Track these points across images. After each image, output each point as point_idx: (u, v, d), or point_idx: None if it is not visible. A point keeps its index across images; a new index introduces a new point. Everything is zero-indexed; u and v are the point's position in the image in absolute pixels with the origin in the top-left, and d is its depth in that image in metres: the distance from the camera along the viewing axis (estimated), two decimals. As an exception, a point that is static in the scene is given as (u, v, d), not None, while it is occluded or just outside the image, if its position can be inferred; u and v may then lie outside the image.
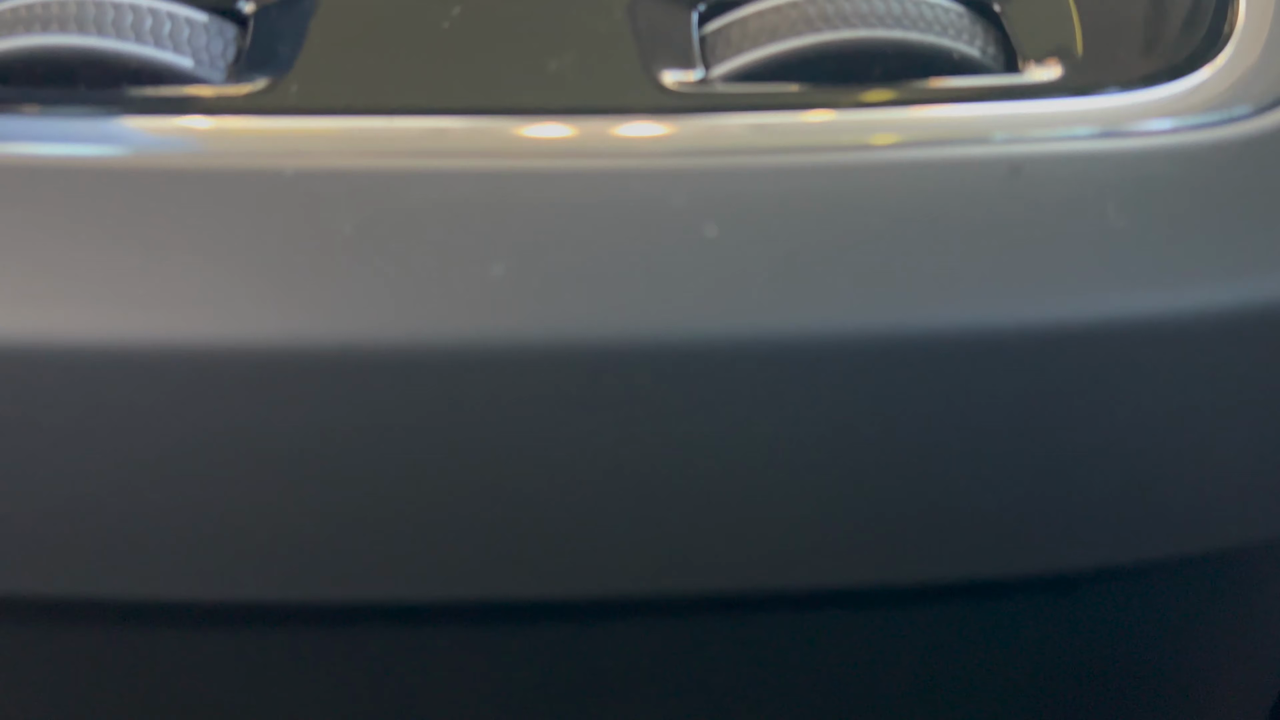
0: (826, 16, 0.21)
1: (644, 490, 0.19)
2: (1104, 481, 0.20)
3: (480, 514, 0.19)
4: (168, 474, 0.19)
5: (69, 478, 0.19)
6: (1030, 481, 0.20)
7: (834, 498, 0.20)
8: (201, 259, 0.18)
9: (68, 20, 0.21)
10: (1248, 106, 0.21)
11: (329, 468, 0.19)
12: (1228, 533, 0.22)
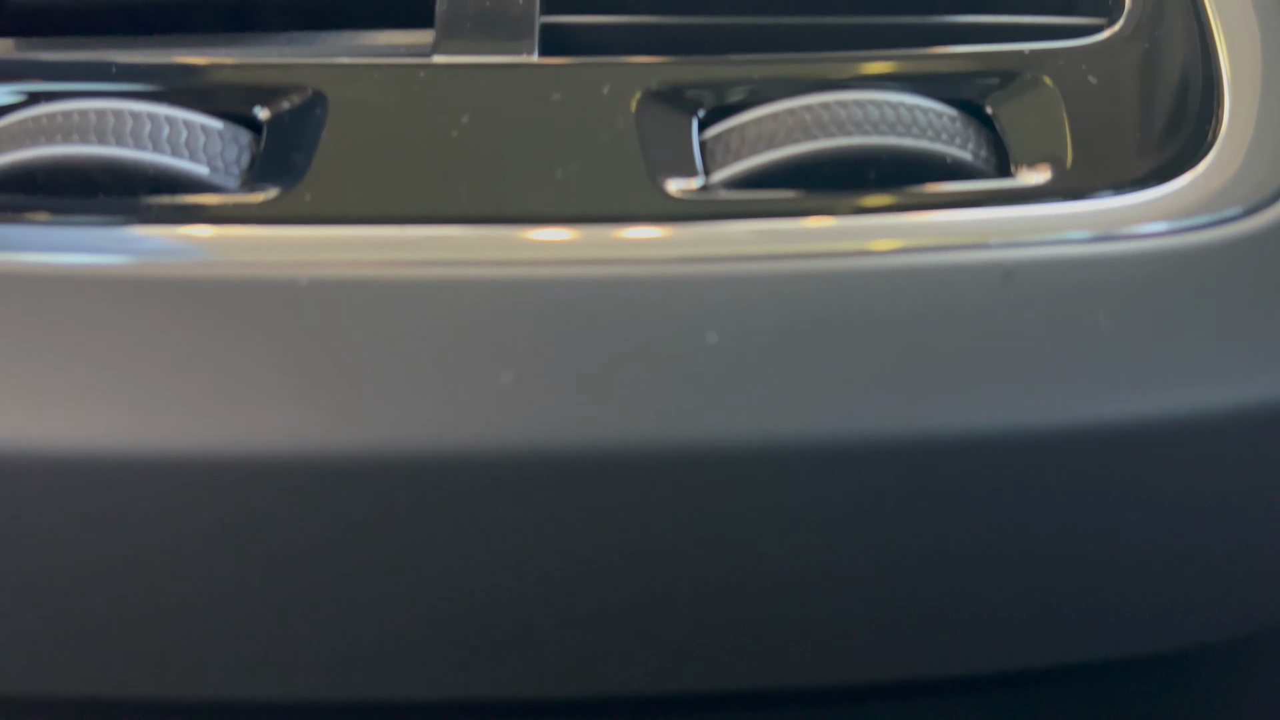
0: (822, 123, 0.22)
1: (652, 592, 0.20)
2: (1103, 576, 0.21)
3: (493, 618, 0.19)
4: (177, 578, 0.19)
5: (77, 581, 0.19)
6: (1028, 578, 0.20)
7: (840, 596, 0.20)
8: (216, 369, 0.19)
9: (88, 130, 0.21)
10: (1237, 207, 0.22)
11: (339, 571, 0.19)
12: (1232, 623, 0.23)
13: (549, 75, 0.23)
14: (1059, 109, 0.23)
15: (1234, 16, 0.25)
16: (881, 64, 0.24)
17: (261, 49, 0.25)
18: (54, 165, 0.21)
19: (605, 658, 0.20)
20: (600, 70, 0.23)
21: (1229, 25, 0.25)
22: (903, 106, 0.22)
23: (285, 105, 0.22)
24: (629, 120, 0.22)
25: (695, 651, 0.20)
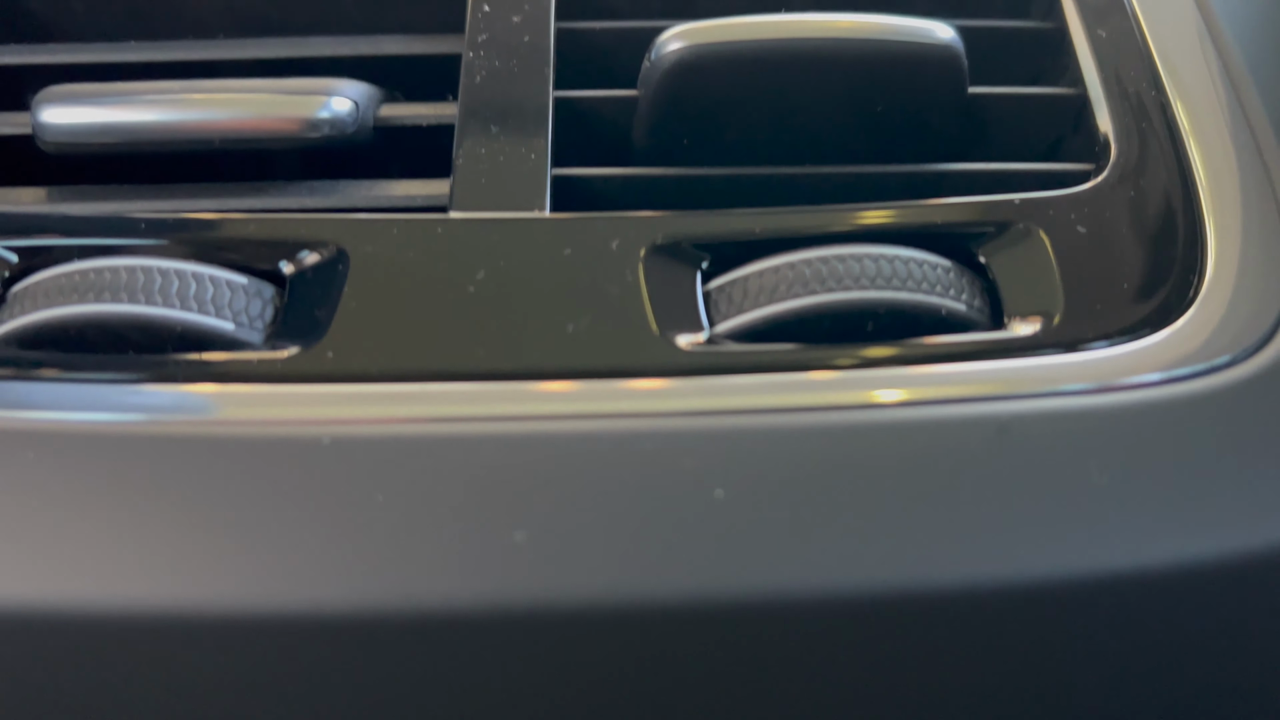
0: (821, 277, 0.23)
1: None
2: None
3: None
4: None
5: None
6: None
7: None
8: (238, 527, 0.19)
9: (119, 288, 0.22)
10: (1227, 355, 0.22)
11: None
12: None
13: (560, 230, 0.24)
14: (1049, 259, 0.24)
15: (1215, 163, 0.26)
16: (877, 215, 0.25)
17: (284, 198, 0.26)
18: (86, 322, 0.22)
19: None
20: (608, 225, 0.24)
21: (1211, 172, 0.26)
22: (898, 260, 0.23)
23: (308, 261, 0.23)
24: (636, 274, 0.23)
25: None
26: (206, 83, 0.26)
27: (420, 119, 0.27)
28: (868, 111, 0.27)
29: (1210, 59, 0.28)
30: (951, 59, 0.26)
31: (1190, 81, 0.27)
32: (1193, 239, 0.25)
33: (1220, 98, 0.27)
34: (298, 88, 0.26)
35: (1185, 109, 0.27)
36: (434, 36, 0.29)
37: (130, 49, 0.29)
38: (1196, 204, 0.25)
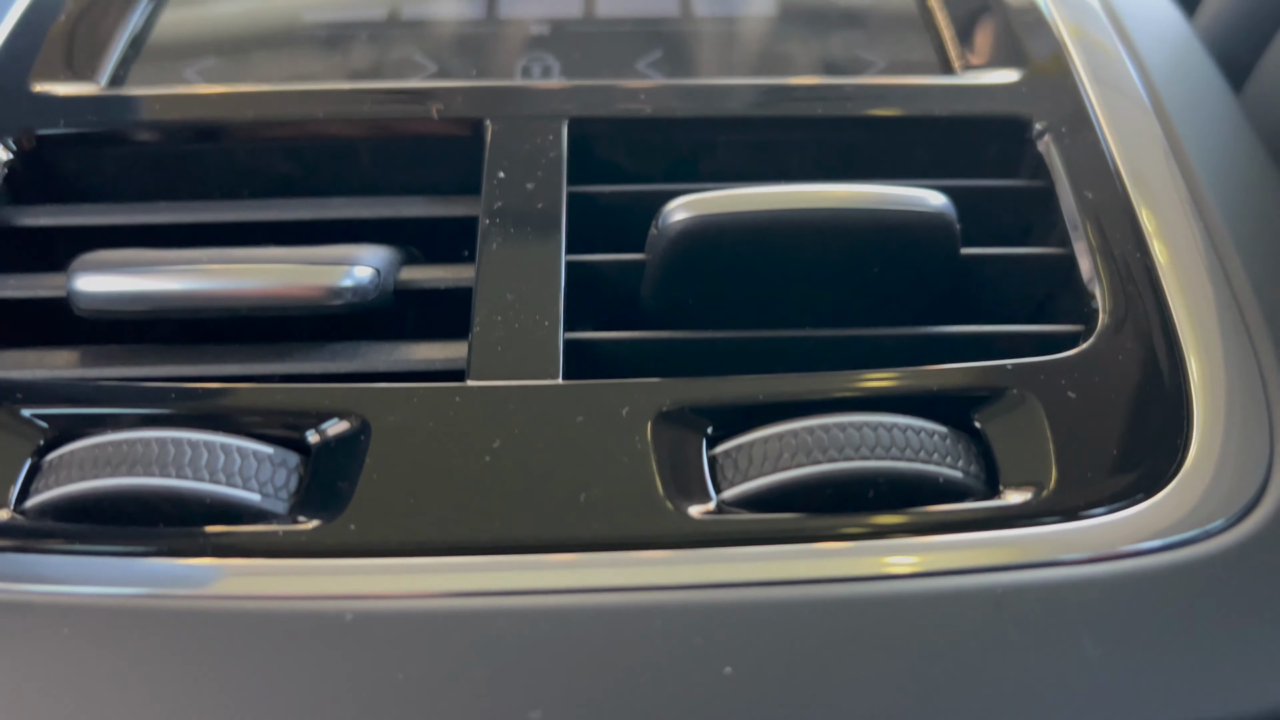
0: (823, 446, 0.24)
1: None
2: None
3: None
4: None
5: None
6: None
7: None
8: (262, 704, 0.20)
9: (150, 461, 0.23)
10: (1220, 519, 0.23)
11: None
12: None
13: (572, 397, 0.25)
14: (1043, 425, 0.25)
15: (1199, 325, 0.27)
16: (876, 380, 0.26)
17: (308, 362, 0.27)
18: (120, 495, 0.23)
19: None
20: (618, 392, 0.25)
21: (1195, 334, 0.27)
22: (896, 428, 0.24)
23: (331, 431, 0.25)
24: (645, 442, 0.24)
25: None
26: (234, 251, 0.28)
27: (439, 283, 0.29)
28: (866, 276, 0.28)
29: (1194, 223, 0.29)
30: (944, 225, 0.27)
31: (1174, 245, 0.29)
32: (1179, 402, 0.25)
33: (1202, 261, 0.28)
34: (322, 257, 0.27)
35: (1170, 272, 0.28)
36: (451, 199, 0.31)
37: (159, 210, 0.31)
38: (1182, 367, 0.26)
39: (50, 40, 0.34)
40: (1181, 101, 0.33)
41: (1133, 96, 0.33)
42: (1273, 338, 0.27)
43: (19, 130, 0.31)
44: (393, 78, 0.34)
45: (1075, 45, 0.34)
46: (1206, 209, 0.30)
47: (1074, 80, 0.33)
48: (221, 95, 0.32)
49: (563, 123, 0.31)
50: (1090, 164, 0.30)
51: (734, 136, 0.32)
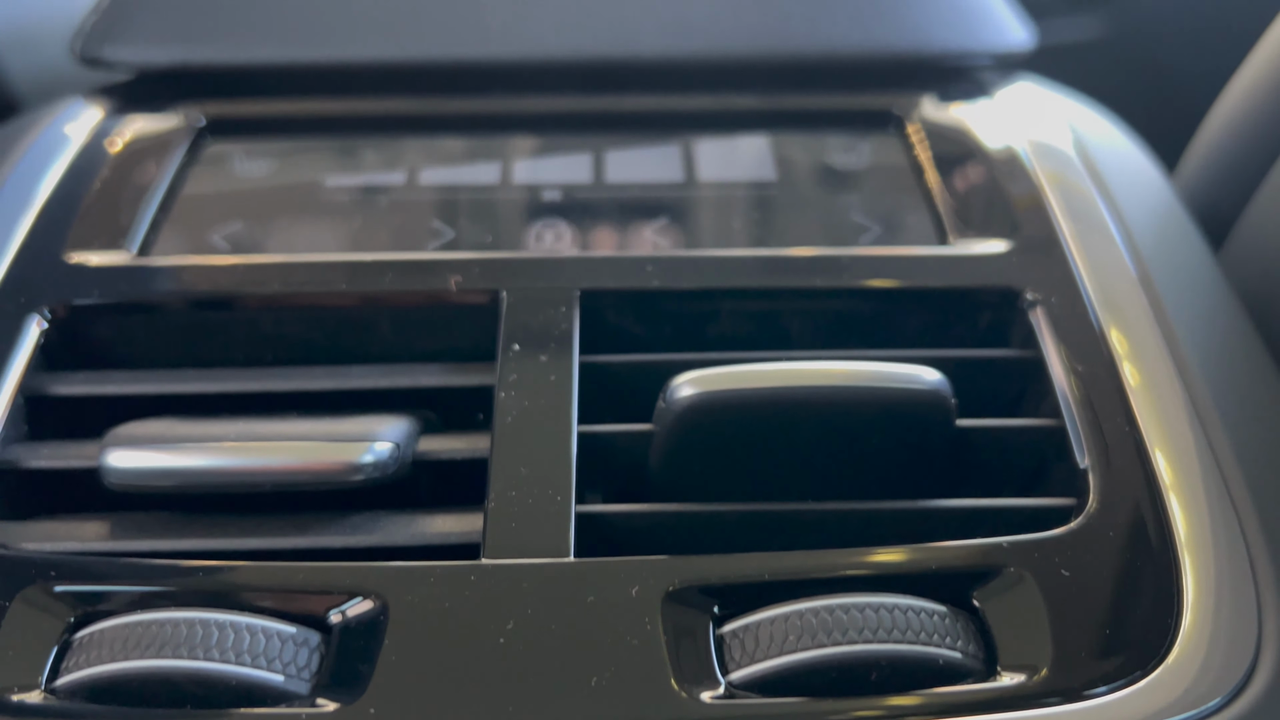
0: (828, 628, 0.24)
1: None
2: None
3: None
4: None
5: None
6: None
7: None
8: None
9: (179, 643, 0.24)
10: (1217, 698, 0.24)
11: None
12: None
13: (584, 576, 0.26)
14: (1039, 603, 0.26)
15: (1187, 499, 0.28)
16: (876, 558, 0.27)
17: (328, 536, 0.28)
18: (148, 676, 0.24)
19: None
20: (628, 571, 0.26)
21: (1183, 507, 0.28)
22: (898, 609, 0.25)
23: (351, 611, 0.25)
24: (655, 623, 0.25)
25: None
26: (257, 425, 0.29)
27: (455, 454, 0.30)
28: (866, 449, 0.29)
29: (1180, 398, 0.30)
30: (939, 402, 0.29)
31: (1161, 420, 0.30)
32: (1170, 579, 0.26)
33: (1189, 436, 0.29)
34: (343, 433, 0.29)
35: (1158, 447, 0.29)
36: (468, 368, 0.32)
37: (187, 379, 0.32)
38: (1172, 544, 0.27)
39: (84, 209, 0.36)
40: (1165, 270, 0.35)
41: (1119, 266, 0.34)
42: (1257, 512, 0.28)
43: (55, 301, 0.33)
44: (412, 244, 0.36)
45: (1063, 213, 0.36)
46: (1192, 382, 0.31)
47: (1062, 250, 0.35)
48: (247, 266, 0.34)
49: (574, 295, 0.33)
50: (1079, 336, 0.32)
51: (737, 305, 0.34)
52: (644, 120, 0.42)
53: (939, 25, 0.43)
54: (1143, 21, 1.40)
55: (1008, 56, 0.45)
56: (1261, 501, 0.28)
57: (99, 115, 0.41)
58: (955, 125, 0.41)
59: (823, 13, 0.42)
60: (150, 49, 0.42)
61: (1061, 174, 0.38)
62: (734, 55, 0.42)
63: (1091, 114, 0.43)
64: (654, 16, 0.42)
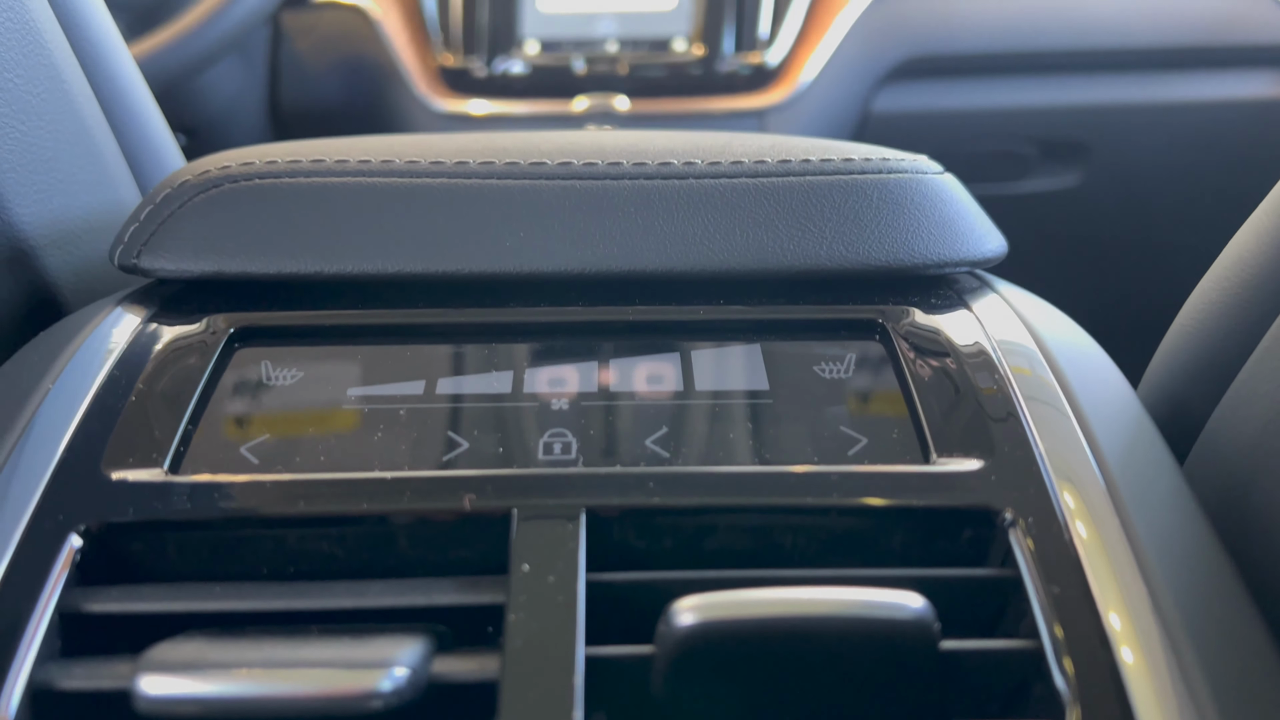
0: None
1: None
2: None
3: None
4: None
5: None
6: None
7: None
8: None
9: None
10: None
11: None
12: None
13: None
14: None
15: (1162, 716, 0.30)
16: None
17: None
18: None
19: None
20: None
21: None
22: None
23: None
24: None
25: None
26: (281, 649, 0.31)
27: (467, 676, 0.32)
28: (854, 670, 0.31)
29: (1152, 619, 0.32)
30: (923, 628, 0.31)
31: (1134, 639, 0.32)
32: None
33: (1160, 659, 0.31)
34: (362, 659, 0.30)
35: (1132, 667, 0.31)
36: (479, 583, 0.34)
37: (213, 595, 0.34)
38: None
39: (120, 423, 0.39)
40: (1134, 486, 0.37)
41: (1091, 484, 0.37)
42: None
43: (92, 519, 0.35)
44: (429, 456, 0.38)
45: (1038, 428, 0.39)
46: (1162, 600, 0.33)
47: (1037, 467, 0.37)
48: (274, 484, 0.36)
49: (580, 513, 0.35)
50: (1055, 556, 0.34)
51: (733, 521, 0.36)
52: (646, 329, 0.45)
53: (920, 239, 0.46)
54: (1115, 173, 1.46)
55: (984, 263, 0.48)
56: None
57: (135, 322, 0.44)
58: (936, 336, 0.43)
59: (812, 229, 0.46)
60: (184, 260, 0.45)
61: (1036, 389, 0.41)
62: (730, 269, 0.45)
63: (1063, 322, 0.47)
64: (656, 235, 0.45)
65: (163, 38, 1.23)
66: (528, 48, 1.38)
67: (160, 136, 0.64)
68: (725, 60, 1.36)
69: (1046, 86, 1.41)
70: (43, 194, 0.51)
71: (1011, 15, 1.37)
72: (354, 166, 0.46)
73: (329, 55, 1.45)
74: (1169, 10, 1.37)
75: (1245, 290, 0.44)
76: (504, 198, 0.46)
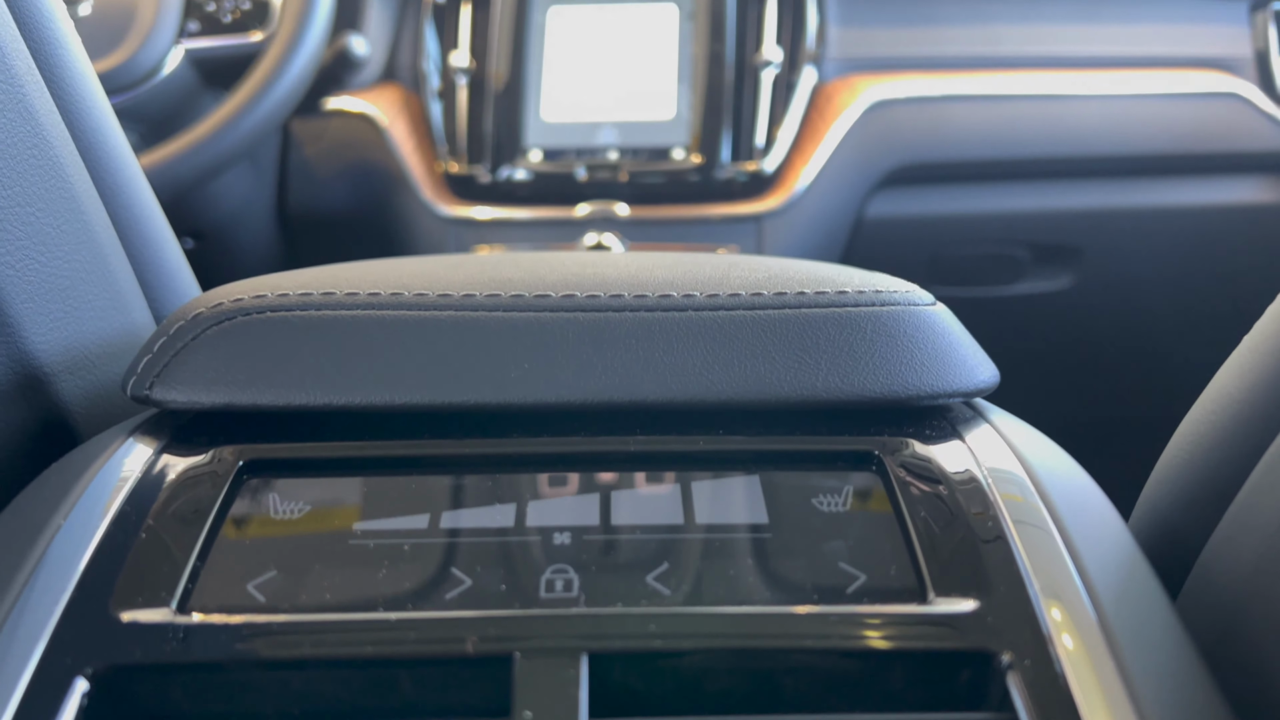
0: None
1: None
2: None
3: None
4: None
5: None
6: None
7: None
8: None
9: None
10: None
11: None
12: None
13: None
14: None
15: None
16: None
17: None
18: None
19: None
20: None
21: None
22: None
23: None
24: None
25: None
26: None
27: None
28: None
29: None
30: None
31: None
32: None
33: None
34: None
35: None
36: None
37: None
38: None
39: (130, 561, 0.39)
40: (1128, 625, 0.37)
41: (1087, 625, 0.37)
42: None
43: (100, 661, 0.35)
44: (433, 594, 0.39)
45: (1032, 566, 0.39)
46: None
47: (1033, 609, 0.37)
48: (280, 624, 0.37)
49: (582, 657, 0.35)
50: (1052, 701, 0.34)
51: (735, 663, 0.36)
52: (647, 460, 0.46)
53: (914, 371, 0.47)
54: (1108, 276, 1.49)
55: (977, 393, 0.49)
56: None
57: (146, 455, 0.45)
58: (931, 469, 0.44)
59: (809, 361, 0.47)
60: (196, 392, 0.46)
61: (1029, 526, 0.41)
62: (729, 400, 0.46)
63: (1055, 454, 0.47)
64: (656, 367, 0.46)
65: (176, 147, 1.26)
66: (531, 156, 1.42)
67: (173, 259, 0.65)
68: (723, 168, 1.39)
69: (1038, 192, 1.45)
70: (58, 322, 0.53)
71: (1000, 124, 1.41)
72: (364, 299, 0.48)
73: (337, 161, 1.49)
74: (1157, 119, 1.41)
75: (1234, 424, 0.45)
76: (509, 330, 0.47)
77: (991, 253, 1.46)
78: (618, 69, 1.44)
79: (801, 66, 1.44)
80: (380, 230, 1.48)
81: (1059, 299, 1.50)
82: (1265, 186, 1.42)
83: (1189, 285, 1.47)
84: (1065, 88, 1.41)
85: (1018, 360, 1.53)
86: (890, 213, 1.43)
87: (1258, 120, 1.41)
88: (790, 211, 1.38)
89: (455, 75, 1.45)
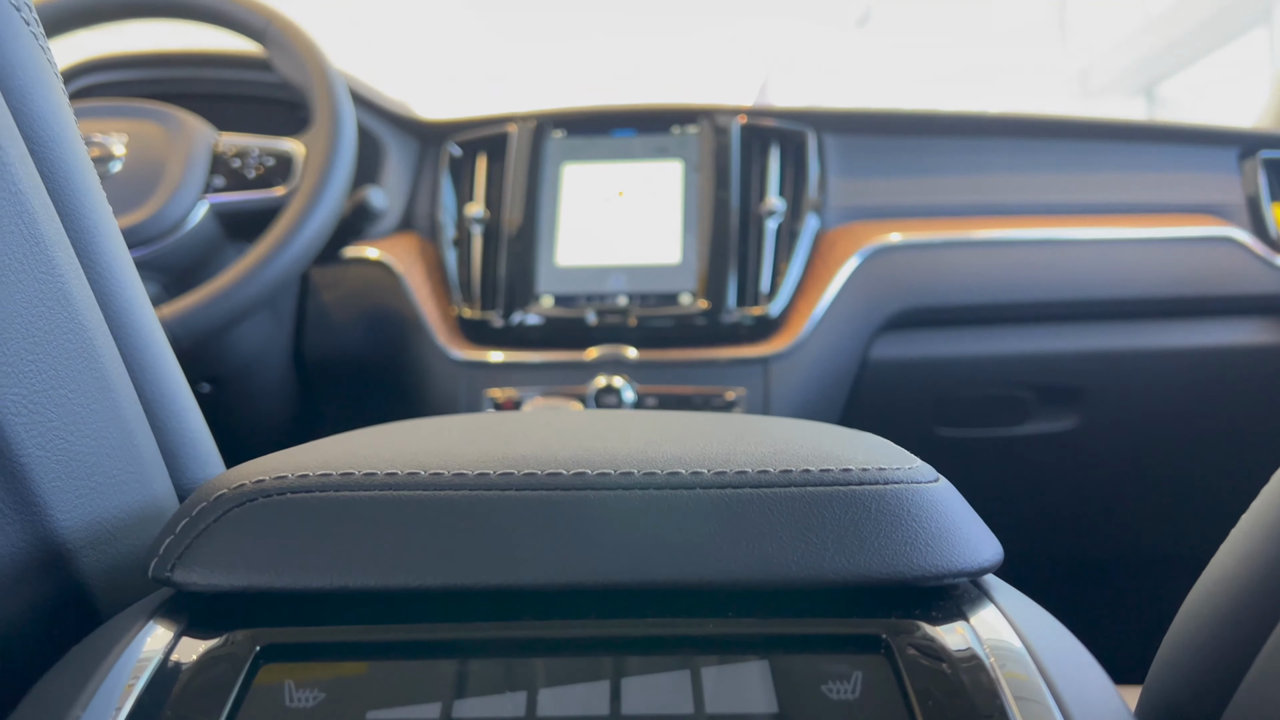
0: None
1: None
2: None
3: None
4: None
5: None
6: None
7: None
8: None
9: None
10: None
11: None
12: None
13: None
14: None
15: None
16: None
17: None
18: None
19: None
20: None
21: None
22: None
23: None
24: None
25: None
26: None
27: None
28: None
29: None
30: None
31: None
32: None
33: None
34: None
35: None
36: None
37: None
38: None
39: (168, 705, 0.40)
40: None
41: None
42: None
43: None
44: None
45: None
46: None
47: None
48: None
49: None
50: None
51: None
52: (657, 644, 0.46)
53: (918, 550, 0.48)
54: (1112, 417, 1.50)
55: (980, 572, 0.50)
56: None
57: (165, 639, 0.46)
58: (938, 653, 0.45)
59: (815, 541, 0.48)
60: (216, 575, 0.47)
61: (1032, 699, 0.42)
62: (736, 580, 0.47)
63: (1059, 633, 0.48)
64: (665, 546, 0.47)
65: (198, 297, 1.30)
66: (544, 301, 1.45)
67: (195, 428, 0.67)
68: (729, 312, 1.42)
69: (1039, 334, 1.47)
70: (83, 498, 0.54)
71: (999, 269, 1.44)
72: (381, 480, 0.49)
73: (354, 307, 1.53)
74: (1154, 263, 1.45)
75: (1237, 607, 0.45)
76: (521, 509, 0.48)
77: (997, 394, 1.48)
78: (626, 219, 1.49)
79: (804, 215, 1.48)
80: (395, 373, 1.51)
81: (1065, 439, 1.51)
82: (1262, 328, 1.45)
83: (1192, 426, 1.48)
84: (1062, 233, 1.46)
85: (1026, 500, 1.53)
86: (895, 355, 1.46)
87: (1252, 264, 1.44)
88: (796, 354, 1.41)
89: (470, 224, 1.50)
